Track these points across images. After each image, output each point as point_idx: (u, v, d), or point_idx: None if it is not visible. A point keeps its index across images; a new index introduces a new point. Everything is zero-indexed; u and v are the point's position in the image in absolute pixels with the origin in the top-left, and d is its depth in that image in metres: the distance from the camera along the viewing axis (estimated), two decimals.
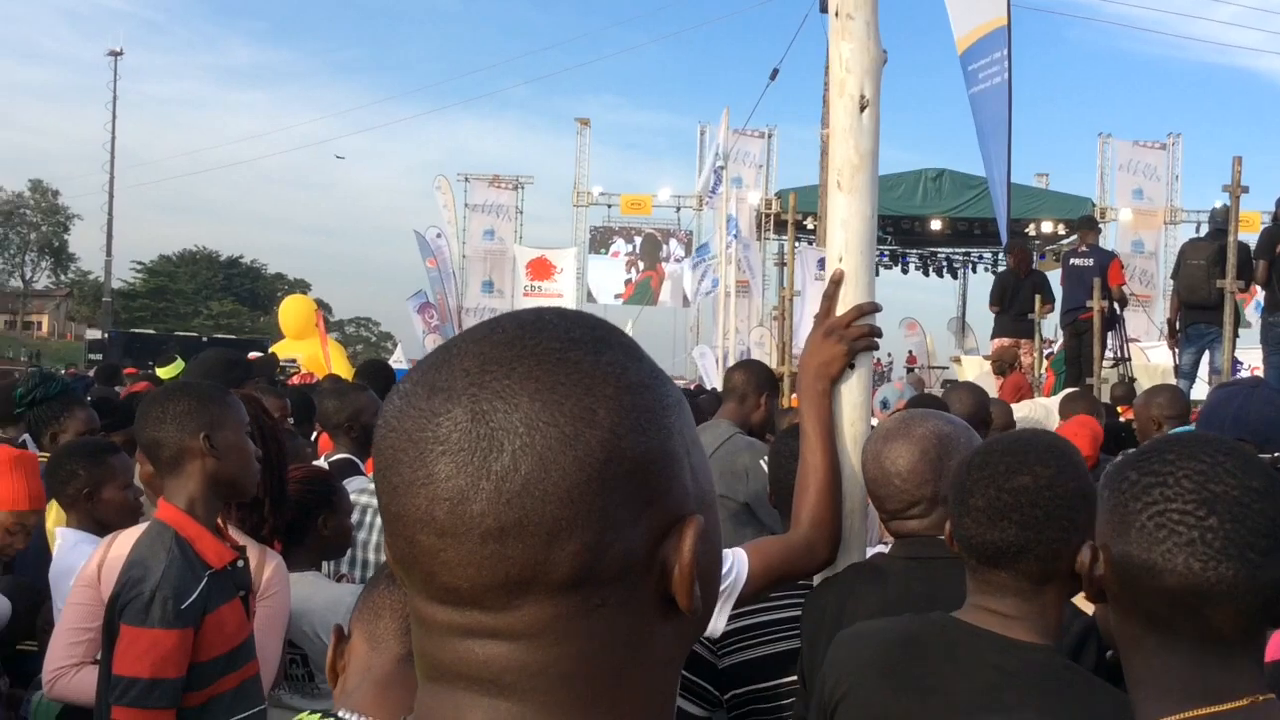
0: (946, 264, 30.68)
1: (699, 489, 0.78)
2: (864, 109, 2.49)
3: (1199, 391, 10.44)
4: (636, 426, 0.73)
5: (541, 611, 0.72)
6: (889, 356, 26.61)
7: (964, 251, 30.67)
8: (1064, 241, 24.91)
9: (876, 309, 2.47)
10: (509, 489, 0.70)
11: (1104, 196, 28.66)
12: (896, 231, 26.22)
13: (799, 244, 14.59)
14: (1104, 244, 14.10)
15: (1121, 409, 8.50)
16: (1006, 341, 12.29)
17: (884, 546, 2.53)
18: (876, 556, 2.43)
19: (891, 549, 2.34)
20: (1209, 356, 10.71)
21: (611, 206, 31.36)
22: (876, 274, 2.56)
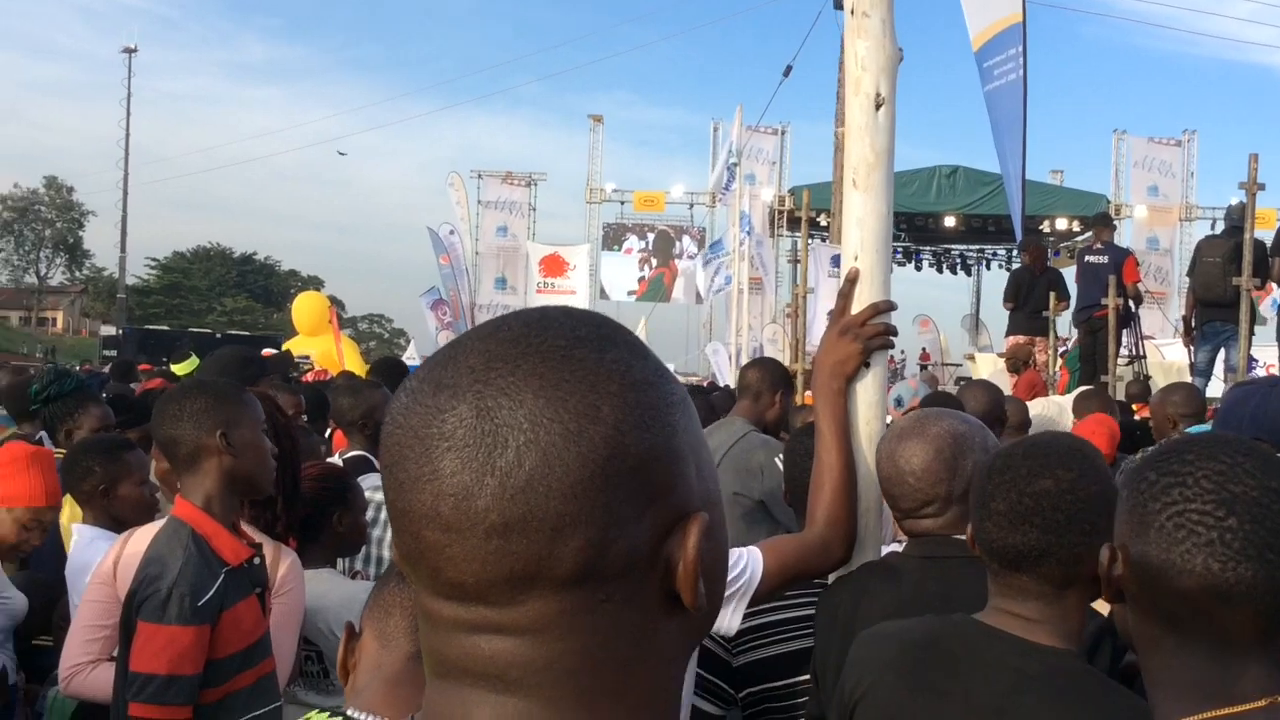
0: (960, 261, 30.61)
1: (704, 487, 0.78)
2: (879, 107, 2.48)
3: (1214, 389, 10.41)
4: (640, 423, 0.73)
5: (546, 607, 0.72)
6: (902, 354, 26.57)
7: (978, 248, 30.59)
8: (1078, 238, 24.83)
9: (892, 307, 2.47)
10: (513, 485, 0.70)
11: (1119, 193, 28.55)
12: (910, 228, 26.15)
13: (812, 241, 14.56)
14: (1119, 241, 14.07)
15: (1136, 407, 8.47)
16: (1021, 339, 12.24)
17: (898, 545, 2.53)
18: (890, 555, 2.42)
19: (905, 548, 2.34)
20: (1224, 354, 10.67)
21: (624, 203, 31.38)
22: (890, 271, 2.55)
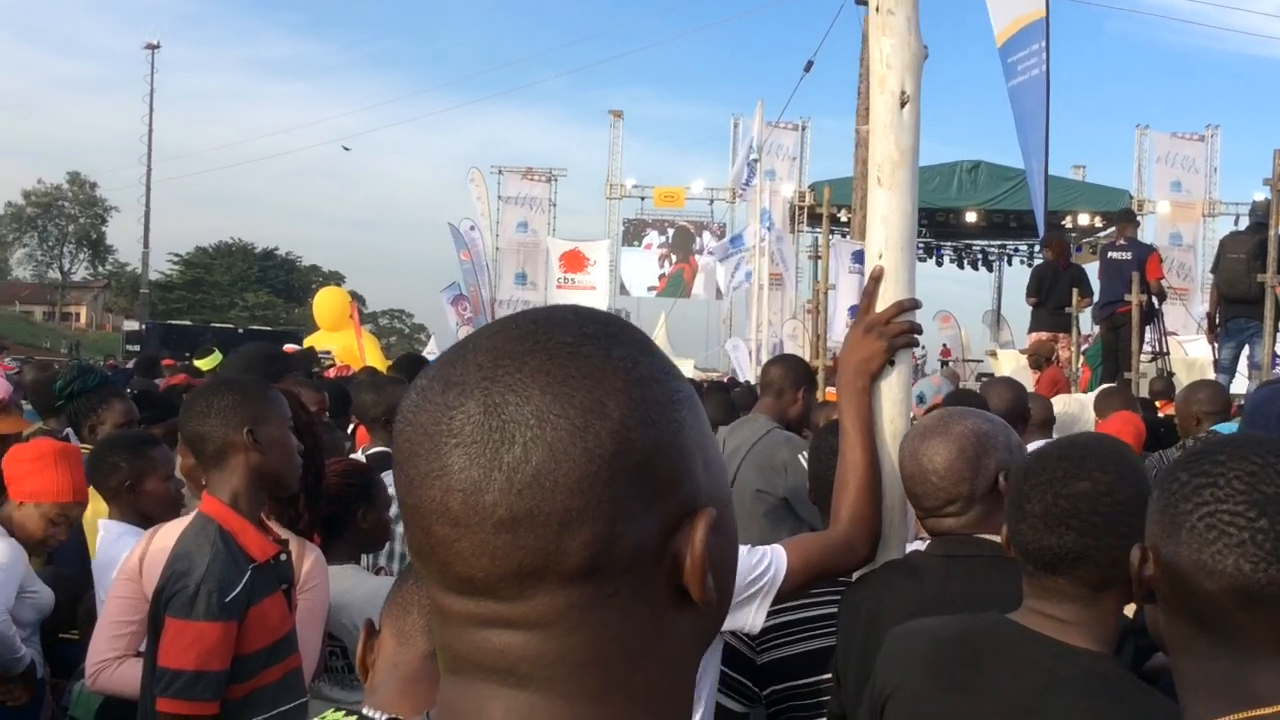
0: (982, 256, 30.45)
1: (712, 482, 0.79)
2: (904, 105, 2.48)
3: (1238, 386, 10.35)
4: (646, 419, 0.74)
5: (555, 601, 0.73)
6: (923, 349, 26.41)
7: (999, 244, 30.43)
8: (1101, 234, 24.69)
9: (917, 305, 2.46)
10: (520, 479, 0.71)
11: (1141, 189, 28.37)
12: (931, 224, 26.05)
13: (833, 237, 14.51)
14: (1142, 237, 13.98)
15: (1160, 404, 8.44)
16: (1044, 335, 12.17)
17: (920, 543, 2.53)
18: (913, 554, 2.42)
19: (928, 546, 2.33)
20: (1249, 351, 10.60)
21: (644, 199, 31.33)
22: (914, 269, 2.55)
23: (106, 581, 3.30)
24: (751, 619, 2.29)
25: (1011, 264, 31.37)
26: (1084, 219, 24.94)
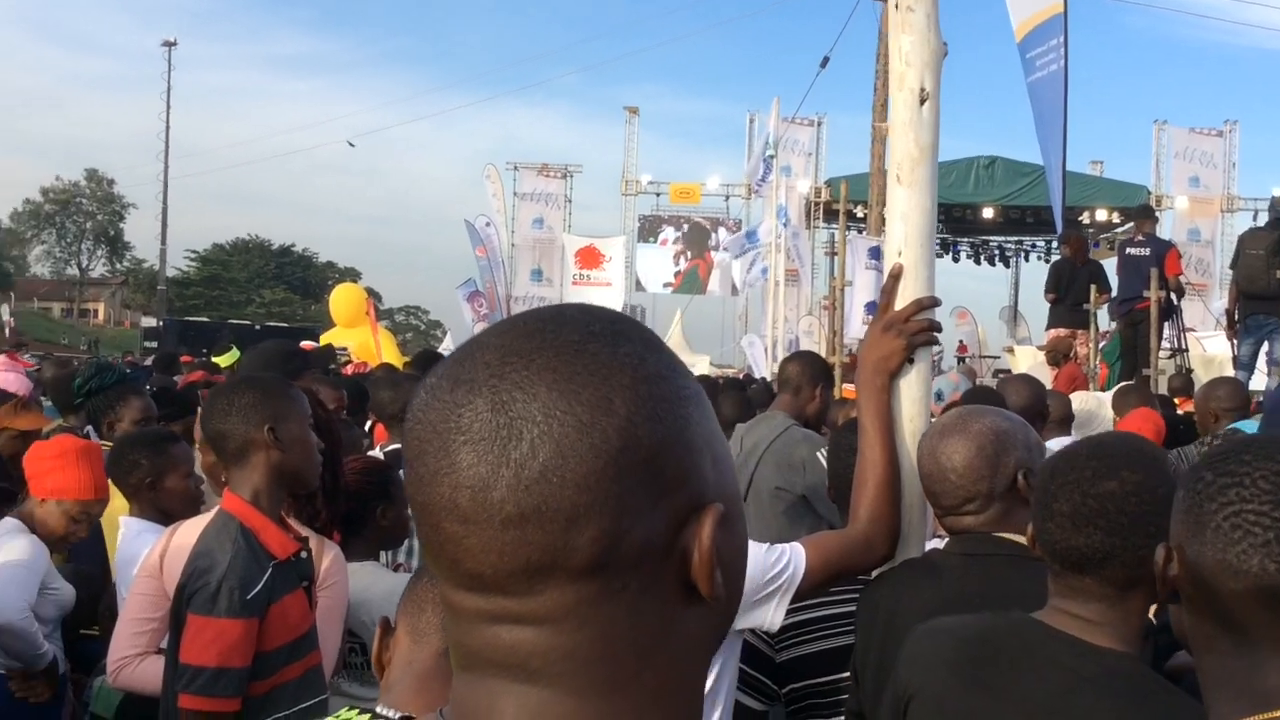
0: (999, 252, 30.38)
1: (720, 478, 0.79)
2: (924, 102, 2.47)
3: (1257, 383, 10.30)
4: (653, 415, 0.74)
5: (563, 596, 0.73)
6: (939, 346, 26.36)
7: (1016, 240, 30.35)
8: (1118, 230, 24.60)
9: (936, 303, 2.45)
10: (527, 476, 0.71)
11: (1159, 184, 28.29)
12: (948, 219, 25.99)
13: (849, 233, 14.49)
14: (1160, 233, 13.90)
15: (1179, 401, 8.40)
16: (1063, 332, 12.11)
17: (938, 541, 2.52)
18: (932, 552, 2.41)
19: (947, 545, 2.32)
20: (1268, 347, 10.56)
21: (660, 195, 31.37)
22: (934, 267, 2.54)
23: (127, 578, 3.32)
24: (770, 617, 2.29)
25: (1028, 260, 31.29)
26: (1102, 215, 24.87)
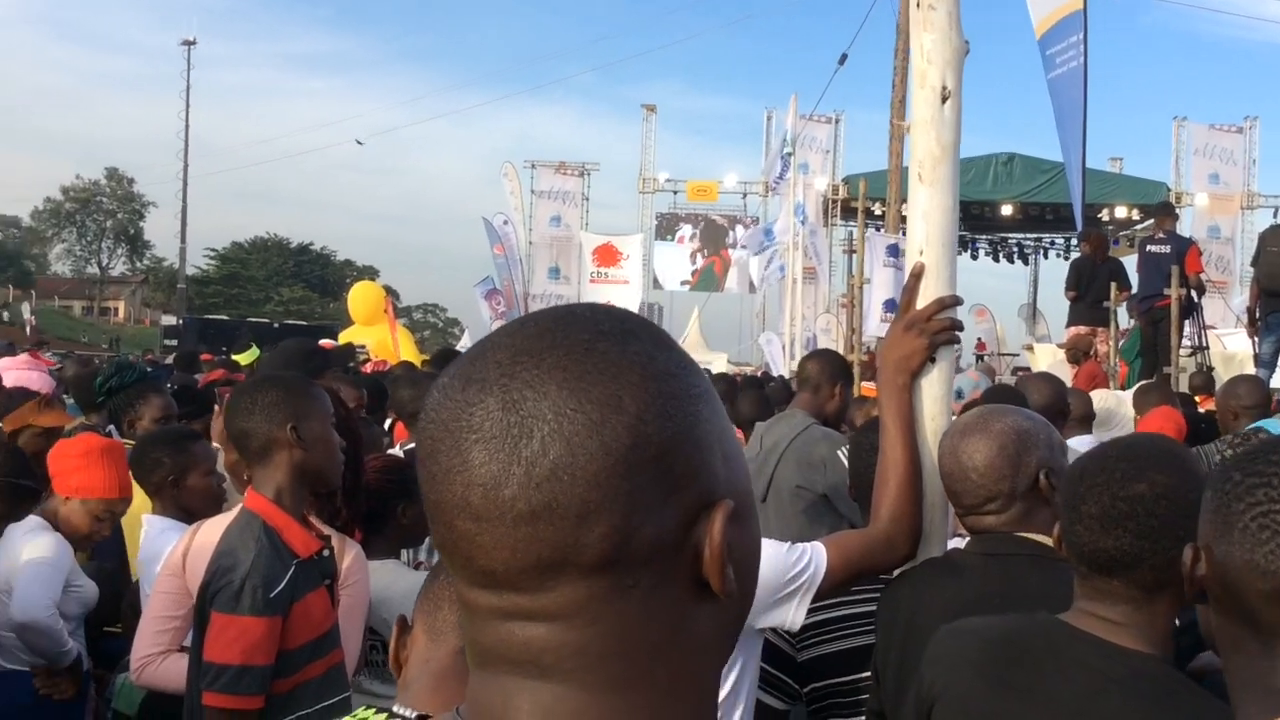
0: (1017, 249, 30.27)
1: (732, 475, 0.79)
2: (945, 100, 2.47)
3: (1279, 380, 10.23)
4: (662, 413, 0.75)
5: (575, 592, 0.74)
6: (960, 344, 26.28)
7: (1035, 237, 30.22)
8: (1138, 227, 24.48)
9: (958, 302, 2.45)
10: (538, 473, 0.72)
11: (1179, 181, 28.14)
12: (966, 216, 25.86)
13: (867, 230, 14.44)
14: (1179, 230, 13.83)
15: (1200, 399, 8.35)
16: (1083, 329, 12.06)
17: (959, 540, 2.52)
18: (952, 551, 2.41)
19: (967, 545, 2.31)
20: None
21: (677, 193, 31.36)
22: (955, 266, 2.53)
23: (150, 576, 3.33)
24: (791, 616, 2.29)
25: (1047, 257, 31.15)
26: (1121, 212, 24.72)
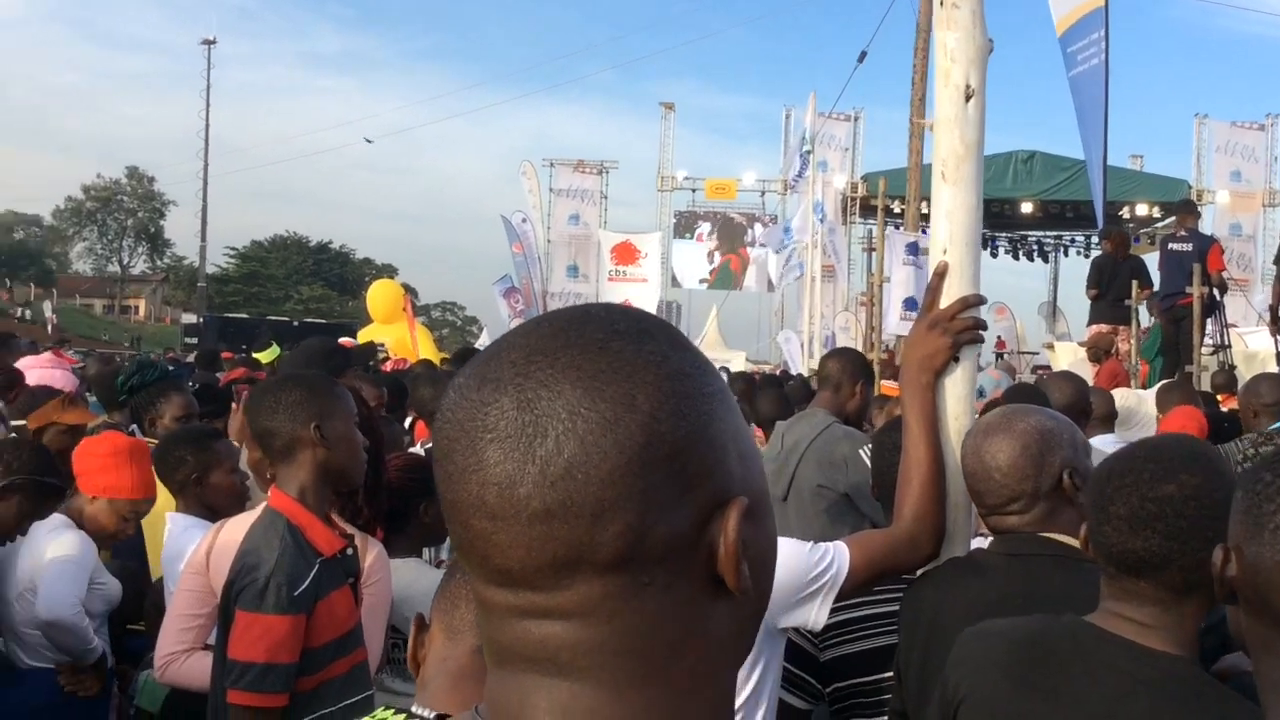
0: (1037, 247, 30.12)
1: (746, 473, 0.80)
2: (969, 99, 2.46)
3: None
4: (676, 412, 0.75)
5: (591, 590, 0.74)
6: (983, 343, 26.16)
7: (1055, 235, 30.05)
8: (1159, 224, 24.35)
9: (981, 301, 2.44)
10: (553, 472, 0.72)
11: (1200, 179, 27.97)
12: (987, 214, 25.36)
13: (887, 228, 14.39)
14: (1201, 227, 13.75)
15: (1222, 397, 8.31)
16: (1104, 328, 12.01)
17: (982, 540, 2.51)
18: (975, 551, 2.40)
19: (990, 545, 2.30)
20: None
21: (696, 191, 31.34)
22: (979, 264, 2.52)
23: (174, 574, 3.35)
24: (814, 616, 2.28)
25: (1067, 255, 31.01)
26: (1142, 209, 24.58)
